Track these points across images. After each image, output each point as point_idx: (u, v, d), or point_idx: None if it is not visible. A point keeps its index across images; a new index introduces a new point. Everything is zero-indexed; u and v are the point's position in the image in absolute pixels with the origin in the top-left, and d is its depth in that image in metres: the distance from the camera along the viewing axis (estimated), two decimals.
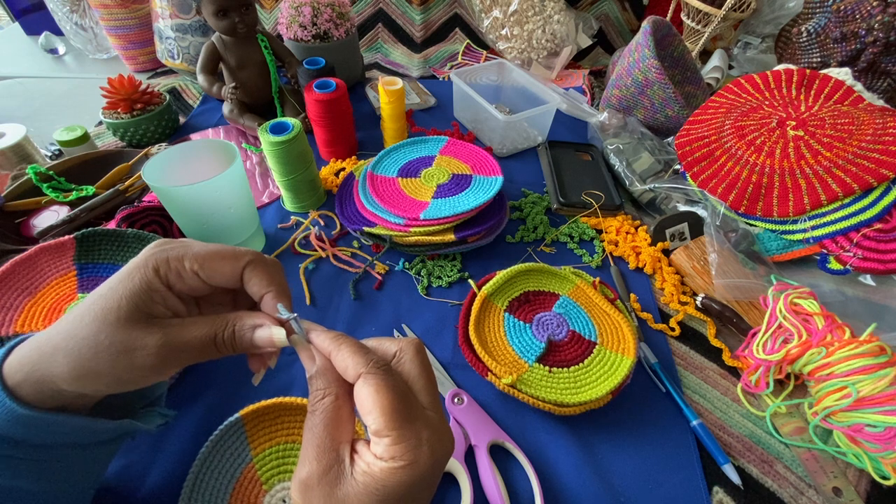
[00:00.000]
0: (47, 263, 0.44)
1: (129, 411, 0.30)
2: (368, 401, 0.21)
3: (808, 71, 0.61)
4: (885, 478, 0.38)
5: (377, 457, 0.21)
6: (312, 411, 0.23)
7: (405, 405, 0.21)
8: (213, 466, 0.35)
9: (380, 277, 0.54)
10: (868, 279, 0.53)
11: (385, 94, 0.66)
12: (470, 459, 0.39)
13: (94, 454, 0.29)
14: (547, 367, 0.42)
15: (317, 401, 0.23)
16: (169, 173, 0.47)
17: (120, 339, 0.22)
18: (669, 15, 0.93)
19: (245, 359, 0.27)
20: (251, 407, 0.36)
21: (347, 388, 0.23)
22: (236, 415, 0.36)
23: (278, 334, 0.24)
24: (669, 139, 0.69)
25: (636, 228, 0.61)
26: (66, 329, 0.23)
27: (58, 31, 1.02)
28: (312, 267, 0.55)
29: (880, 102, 0.60)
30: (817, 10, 0.79)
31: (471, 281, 0.49)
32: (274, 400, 0.37)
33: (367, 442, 0.22)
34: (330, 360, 0.24)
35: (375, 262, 0.55)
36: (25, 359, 0.23)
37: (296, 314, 0.25)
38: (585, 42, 0.97)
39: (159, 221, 0.52)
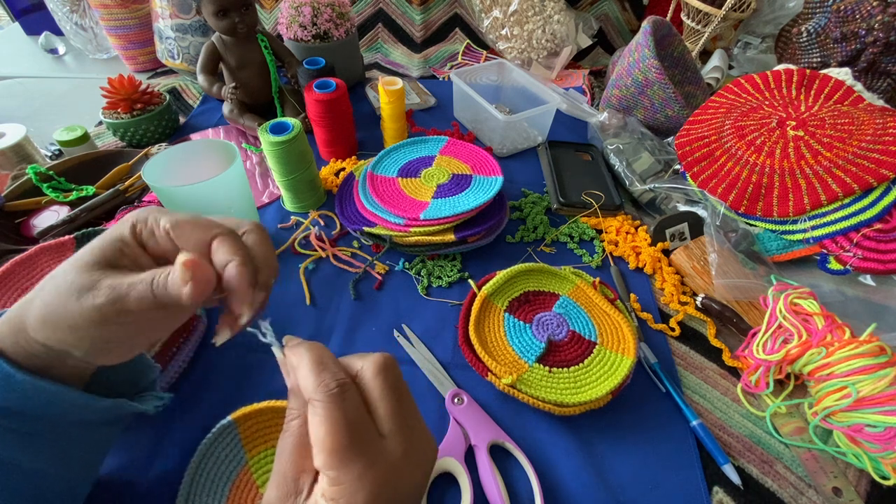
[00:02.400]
0: (47, 263, 0.44)
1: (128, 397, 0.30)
2: (312, 432, 0.20)
3: (808, 71, 0.61)
4: (885, 478, 0.38)
5: (322, 495, 0.19)
6: (284, 431, 0.22)
7: (348, 440, 0.19)
8: (209, 469, 0.34)
9: (380, 277, 0.54)
10: (868, 279, 0.53)
11: (385, 94, 0.66)
12: (470, 459, 0.39)
13: (90, 436, 0.29)
14: (547, 367, 0.42)
15: (288, 421, 0.22)
16: (169, 173, 0.47)
17: (78, 280, 0.23)
18: (669, 15, 0.93)
19: (245, 359, 0.26)
20: (243, 410, 0.36)
21: None
22: (228, 418, 0.36)
23: (178, 260, 0.22)
24: (669, 139, 0.69)
25: (636, 228, 0.61)
26: (46, 278, 0.24)
27: (58, 31, 1.02)
28: (312, 267, 0.55)
29: (880, 102, 0.60)
30: (817, 10, 0.79)
31: (471, 281, 0.49)
32: (266, 403, 0.36)
33: None
34: None
35: (375, 262, 0.55)
36: (6, 316, 0.24)
37: (268, 318, 0.24)
38: (585, 42, 0.97)
39: None
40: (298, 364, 0.22)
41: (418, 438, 0.22)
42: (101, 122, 0.77)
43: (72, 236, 0.45)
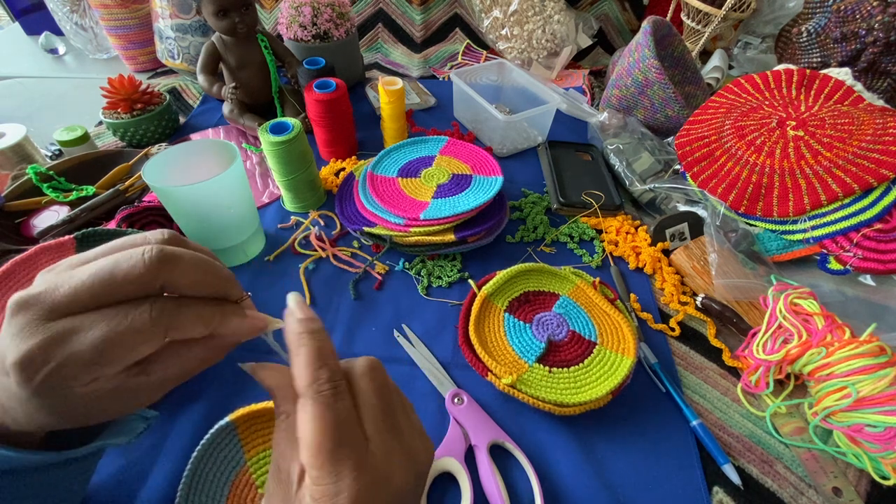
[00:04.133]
0: (47, 263, 0.44)
1: None
2: (300, 428, 0.20)
3: (808, 71, 0.61)
4: (885, 478, 0.38)
5: (307, 492, 0.19)
6: (277, 426, 0.22)
7: (334, 442, 0.19)
8: (207, 470, 0.34)
9: (380, 277, 0.54)
10: (868, 279, 0.53)
11: (385, 94, 0.66)
12: (470, 459, 0.39)
13: (62, 474, 0.26)
14: (547, 368, 0.42)
15: (283, 418, 0.22)
16: (169, 173, 0.47)
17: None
18: (669, 15, 0.93)
19: (244, 360, 0.25)
20: (242, 411, 0.36)
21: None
22: (226, 419, 0.36)
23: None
24: (669, 139, 0.69)
25: (636, 228, 0.61)
26: None
27: (58, 31, 1.02)
28: (312, 267, 0.55)
29: (880, 102, 0.60)
30: (817, 10, 0.79)
31: (471, 281, 0.49)
32: (265, 404, 0.36)
33: None
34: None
35: (375, 262, 0.55)
36: None
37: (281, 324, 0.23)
38: (585, 42, 0.97)
39: (159, 221, 0.52)
40: (297, 352, 0.21)
41: (408, 441, 0.22)
42: (101, 122, 0.77)
43: (72, 236, 0.45)
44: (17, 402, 0.20)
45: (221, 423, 0.35)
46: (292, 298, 0.23)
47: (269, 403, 0.37)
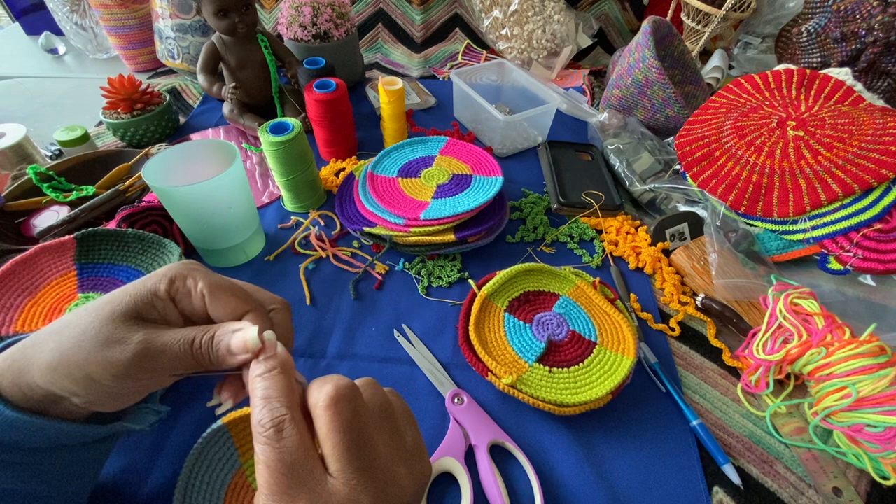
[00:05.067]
0: (47, 263, 0.44)
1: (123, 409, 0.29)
2: (256, 467, 0.20)
3: (808, 71, 0.61)
4: (885, 478, 0.38)
5: None
6: None
7: (284, 482, 0.19)
8: (203, 472, 0.34)
9: (380, 277, 0.54)
10: (868, 279, 0.53)
11: (385, 94, 0.66)
12: (470, 459, 0.39)
13: (86, 455, 0.28)
14: (547, 367, 0.42)
15: None
16: (169, 173, 0.47)
17: (106, 331, 0.22)
18: (669, 15, 0.93)
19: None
20: (234, 414, 0.36)
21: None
22: (218, 422, 0.35)
23: (251, 335, 0.23)
24: (669, 139, 0.69)
25: (636, 228, 0.61)
26: (60, 322, 0.23)
27: (58, 31, 1.02)
28: (312, 267, 0.55)
29: (880, 102, 0.60)
30: (817, 10, 0.79)
31: (471, 281, 0.49)
32: None
33: None
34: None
35: (375, 262, 0.55)
36: (8, 354, 0.23)
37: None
38: (585, 42, 0.97)
39: (159, 221, 0.52)
40: (251, 395, 0.21)
41: (382, 473, 0.21)
42: (101, 122, 0.77)
43: (72, 236, 0.45)
44: (101, 381, 0.22)
45: (213, 426, 0.35)
46: (266, 335, 0.23)
47: None
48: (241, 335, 0.23)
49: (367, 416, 0.21)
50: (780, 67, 0.63)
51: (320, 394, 0.21)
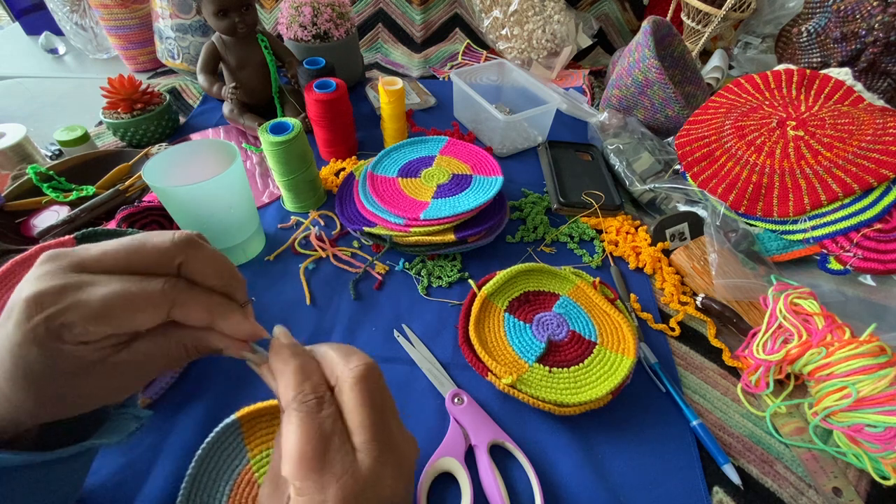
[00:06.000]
0: None
1: (98, 414, 0.27)
2: (283, 441, 0.20)
3: (808, 71, 0.61)
4: (885, 478, 0.38)
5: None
6: (278, 432, 0.22)
7: (318, 452, 0.19)
8: (211, 468, 0.35)
9: (380, 277, 0.54)
10: (868, 279, 0.53)
11: (385, 94, 0.66)
12: (470, 459, 0.39)
13: (54, 474, 0.26)
14: (547, 367, 0.42)
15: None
16: (169, 173, 0.47)
17: (47, 392, 0.20)
18: (669, 15, 0.93)
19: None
20: (248, 409, 0.36)
21: None
22: (233, 416, 0.36)
23: (252, 357, 0.24)
24: (669, 139, 0.69)
25: (636, 228, 0.61)
26: None
27: (58, 31, 1.02)
28: (312, 267, 0.55)
29: (880, 102, 0.60)
30: (817, 10, 0.79)
31: (471, 281, 0.49)
32: (269, 402, 0.37)
33: None
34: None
35: (375, 262, 0.55)
36: None
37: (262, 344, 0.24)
38: (585, 42, 0.97)
39: (159, 221, 0.52)
40: (283, 370, 0.22)
41: (396, 448, 0.21)
42: (101, 122, 0.77)
43: (72, 236, 0.45)
44: (5, 364, 0.19)
45: (227, 420, 0.36)
46: (278, 328, 0.24)
47: (273, 402, 0.37)
48: (236, 353, 0.23)
49: (385, 391, 0.22)
50: (780, 67, 0.63)
51: (348, 368, 0.21)
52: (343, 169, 0.68)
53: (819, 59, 0.77)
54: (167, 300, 0.21)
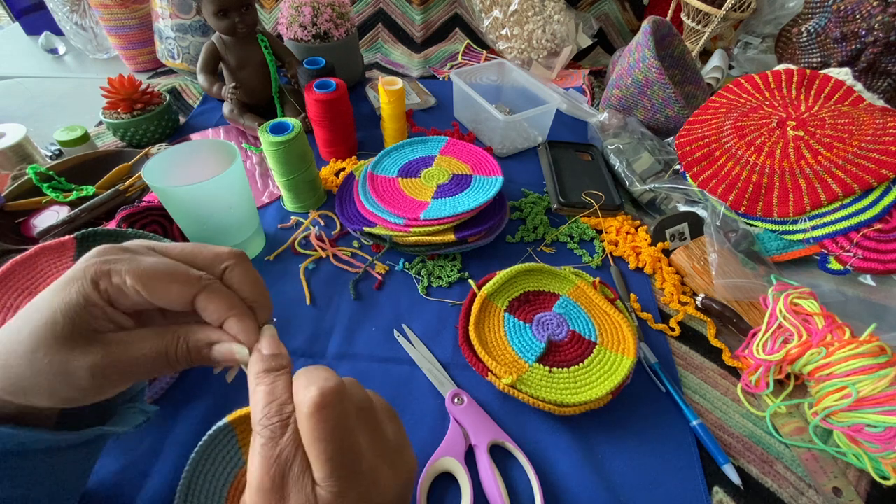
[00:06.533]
0: (47, 263, 0.44)
1: (108, 408, 0.29)
2: (248, 465, 0.20)
3: (808, 71, 0.61)
4: (885, 478, 0.38)
5: None
6: None
7: (276, 484, 0.19)
8: (206, 471, 0.34)
9: (380, 277, 0.54)
10: (868, 279, 0.53)
11: (385, 94, 0.66)
12: (470, 459, 0.39)
13: (68, 458, 0.27)
14: (547, 367, 0.42)
15: None
16: (169, 173, 0.47)
17: (59, 359, 0.20)
18: (669, 15, 0.93)
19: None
20: (240, 412, 0.35)
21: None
22: (224, 420, 0.35)
23: (241, 351, 0.23)
24: (669, 139, 0.69)
25: (636, 228, 0.61)
26: (2, 341, 0.21)
27: (58, 31, 1.02)
28: (312, 267, 0.55)
29: (880, 102, 0.60)
30: (817, 10, 0.79)
31: (471, 281, 0.49)
32: None
33: None
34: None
35: (375, 262, 0.55)
36: None
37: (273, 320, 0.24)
38: (585, 42, 0.97)
39: (159, 221, 0.52)
40: (253, 391, 0.21)
41: (364, 480, 0.20)
42: (101, 122, 0.77)
43: (72, 236, 0.45)
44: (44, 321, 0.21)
45: (219, 424, 0.35)
46: (266, 331, 0.24)
47: None
48: (224, 348, 0.23)
49: (351, 419, 0.21)
50: (780, 67, 0.63)
51: (305, 397, 0.20)
52: (343, 169, 0.68)
53: (819, 59, 0.77)
54: (200, 283, 0.23)
